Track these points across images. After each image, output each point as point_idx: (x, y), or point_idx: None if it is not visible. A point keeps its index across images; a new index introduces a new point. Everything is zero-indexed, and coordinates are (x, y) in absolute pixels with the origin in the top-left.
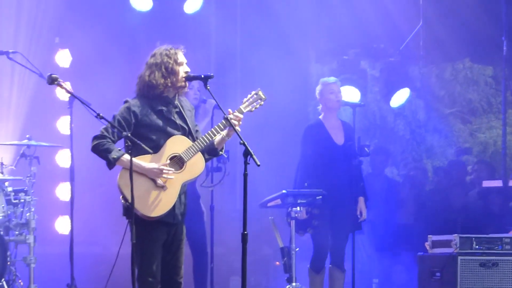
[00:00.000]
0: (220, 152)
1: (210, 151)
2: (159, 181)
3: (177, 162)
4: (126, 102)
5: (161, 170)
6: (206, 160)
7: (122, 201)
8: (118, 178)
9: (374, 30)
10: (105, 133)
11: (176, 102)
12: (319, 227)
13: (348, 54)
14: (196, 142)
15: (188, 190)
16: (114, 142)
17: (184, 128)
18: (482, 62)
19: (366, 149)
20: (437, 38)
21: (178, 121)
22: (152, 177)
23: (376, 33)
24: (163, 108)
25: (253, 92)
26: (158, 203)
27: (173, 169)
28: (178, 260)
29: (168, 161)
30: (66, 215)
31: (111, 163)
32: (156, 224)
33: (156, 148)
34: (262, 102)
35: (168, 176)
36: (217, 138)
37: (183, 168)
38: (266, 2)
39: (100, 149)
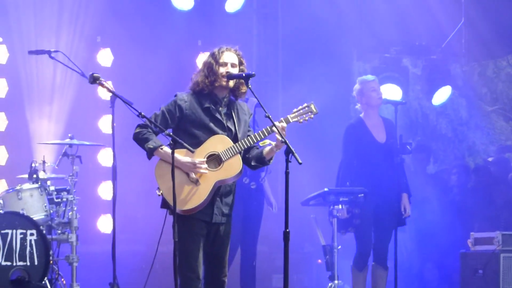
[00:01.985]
0: (269, 162)
1: (258, 159)
2: (192, 175)
3: (215, 160)
4: (175, 95)
5: (195, 164)
6: (253, 168)
7: (157, 191)
8: (155, 168)
9: (416, 27)
10: (148, 123)
11: (228, 102)
12: (361, 226)
13: (389, 52)
14: (237, 143)
15: (246, 189)
16: (155, 133)
17: (230, 130)
18: None
19: (408, 146)
20: (479, 35)
21: (225, 122)
22: (186, 170)
23: (418, 30)
24: (211, 106)
25: (305, 104)
26: (188, 197)
27: (206, 165)
28: (222, 259)
29: (206, 158)
30: (108, 213)
31: (148, 153)
32: (194, 220)
33: (198, 144)
34: (312, 116)
35: (200, 169)
36: (267, 148)
37: (219, 167)
38: (307, 0)
39: (139, 138)
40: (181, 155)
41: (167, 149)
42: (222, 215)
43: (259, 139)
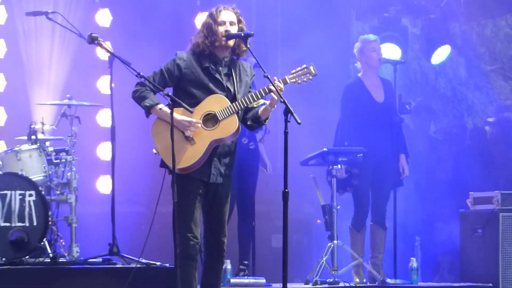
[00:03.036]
0: (264, 122)
1: (254, 119)
2: (187, 134)
3: (212, 120)
4: (176, 54)
5: (190, 122)
6: (250, 128)
7: (153, 150)
8: (151, 127)
9: None
10: (147, 82)
11: (228, 62)
12: (359, 186)
13: (388, 11)
14: (234, 103)
15: (243, 149)
16: (153, 91)
17: (229, 90)
18: None
19: (407, 106)
20: None
21: (225, 82)
22: (181, 128)
23: None
24: (211, 65)
25: (304, 66)
26: (183, 156)
27: (201, 124)
28: (221, 219)
29: (202, 118)
30: (107, 174)
31: (145, 110)
32: (191, 180)
33: (196, 104)
34: (311, 77)
35: (195, 128)
36: (262, 108)
37: (215, 126)
38: None
39: (137, 96)
40: (178, 114)
41: (164, 107)
42: (220, 175)
43: (256, 99)
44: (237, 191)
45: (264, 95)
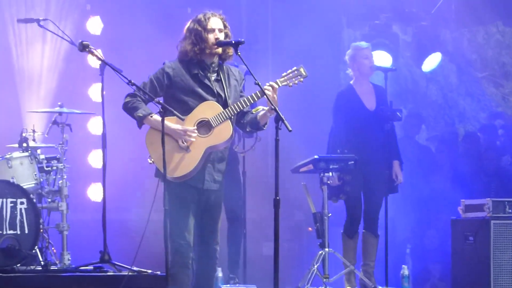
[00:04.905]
0: (263, 127)
1: (253, 125)
2: (181, 143)
3: (205, 126)
4: (163, 64)
5: (185, 131)
6: (248, 133)
7: (148, 159)
8: (145, 137)
9: None
10: (137, 92)
11: (217, 68)
12: (352, 193)
13: (379, 19)
14: (227, 109)
15: (230, 156)
16: (144, 101)
17: (220, 95)
18: None
19: (398, 113)
20: (469, 2)
21: (215, 87)
22: (176, 137)
23: None
24: (200, 72)
25: (294, 68)
26: (179, 164)
27: (196, 132)
28: (213, 227)
29: (196, 125)
30: (98, 182)
31: (138, 122)
32: (185, 187)
33: (188, 111)
34: (302, 79)
35: (190, 138)
36: (260, 113)
37: (209, 133)
38: None
39: (128, 107)
40: (171, 122)
41: (157, 117)
42: (214, 181)
43: (248, 104)
44: (226, 198)
45: (256, 99)
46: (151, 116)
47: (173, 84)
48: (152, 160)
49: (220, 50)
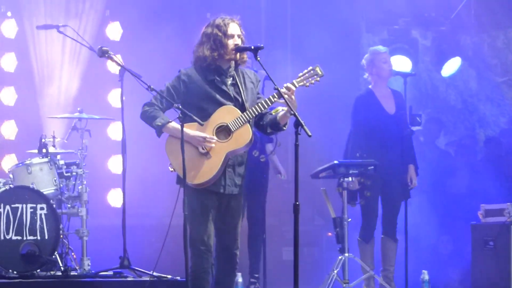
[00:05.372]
0: (284, 128)
1: (273, 126)
2: (201, 149)
3: (224, 131)
4: (179, 71)
5: (204, 138)
6: (269, 134)
7: (169, 167)
8: (165, 145)
9: None
10: (154, 101)
11: (232, 72)
12: (370, 197)
13: (398, 24)
14: (245, 113)
15: (253, 162)
16: (162, 110)
17: (237, 99)
18: None
19: (417, 118)
20: (489, 6)
21: (231, 92)
22: (195, 144)
23: (426, 1)
24: (216, 78)
25: (310, 68)
26: (200, 171)
27: (215, 138)
28: (233, 232)
29: (215, 130)
30: (118, 187)
31: (157, 130)
32: (205, 193)
33: (206, 117)
34: (318, 79)
35: (210, 144)
36: (280, 113)
37: (229, 138)
38: None
39: (147, 116)
40: (190, 129)
41: (176, 124)
42: (235, 185)
43: (266, 107)
44: (247, 204)
45: (273, 101)
46: (170, 124)
47: (190, 91)
48: (173, 168)
49: (238, 55)
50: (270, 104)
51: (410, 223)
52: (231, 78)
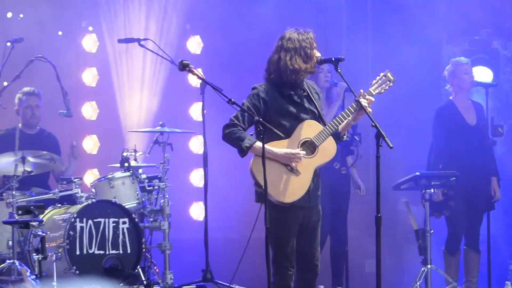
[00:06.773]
0: (343, 138)
1: (334, 136)
2: (293, 166)
3: (309, 146)
4: (254, 88)
5: (294, 155)
6: None
7: (256, 187)
8: (251, 165)
9: (506, 9)
10: (236, 121)
11: (304, 85)
12: (455, 208)
13: (479, 34)
14: (327, 126)
15: (335, 174)
16: (245, 129)
17: (313, 112)
18: None
19: (499, 129)
20: None
21: (307, 105)
22: (285, 162)
23: (508, 12)
24: (292, 92)
25: (382, 74)
26: (292, 188)
27: (304, 153)
28: (314, 243)
29: (300, 146)
30: (200, 201)
31: (243, 151)
32: (291, 209)
33: (287, 133)
34: (391, 84)
35: (299, 160)
36: (342, 124)
37: (315, 153)
38: None
39: (232, 138)
40: (276, 148)
41: (259, 144)
42: (316, 197)
43: (346, 118)
44: (330, 216)
45: (353, 111)
46: (256, 144)
47: (269, 108)
48: (261, 189)
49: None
50: (349, 115)
51: (492, 234)
52: (302, 91)
